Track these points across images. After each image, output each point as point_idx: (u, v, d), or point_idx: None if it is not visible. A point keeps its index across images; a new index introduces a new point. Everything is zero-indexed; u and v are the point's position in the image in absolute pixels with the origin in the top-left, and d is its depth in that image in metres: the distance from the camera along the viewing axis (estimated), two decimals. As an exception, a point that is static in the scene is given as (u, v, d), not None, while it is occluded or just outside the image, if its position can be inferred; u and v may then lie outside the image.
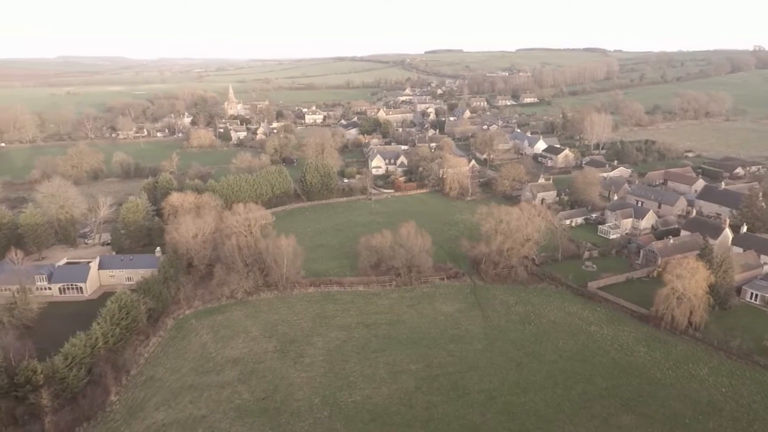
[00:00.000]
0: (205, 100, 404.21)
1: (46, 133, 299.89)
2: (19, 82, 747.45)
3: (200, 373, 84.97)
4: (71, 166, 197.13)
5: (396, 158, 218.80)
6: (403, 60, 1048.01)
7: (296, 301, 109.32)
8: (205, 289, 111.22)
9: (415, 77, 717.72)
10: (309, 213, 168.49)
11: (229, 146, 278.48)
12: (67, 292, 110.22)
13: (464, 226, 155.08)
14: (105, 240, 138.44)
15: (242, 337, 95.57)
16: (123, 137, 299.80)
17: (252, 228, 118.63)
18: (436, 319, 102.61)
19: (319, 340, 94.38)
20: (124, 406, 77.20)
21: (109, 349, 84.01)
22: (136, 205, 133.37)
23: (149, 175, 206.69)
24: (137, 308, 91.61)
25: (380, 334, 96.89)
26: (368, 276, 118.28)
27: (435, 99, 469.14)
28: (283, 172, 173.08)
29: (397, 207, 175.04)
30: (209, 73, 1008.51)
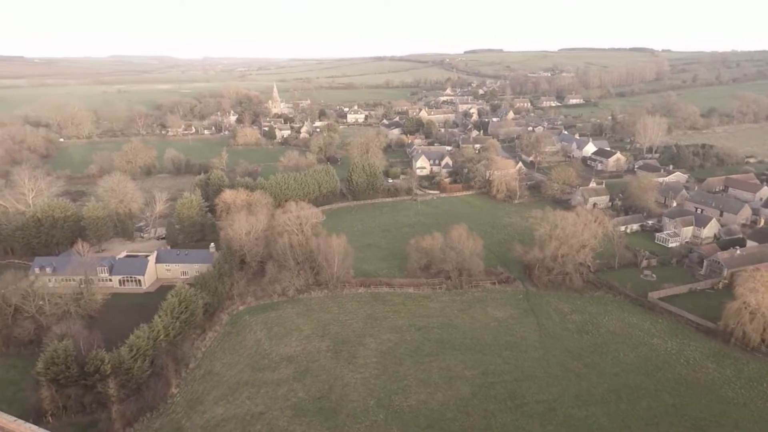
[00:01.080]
0: (250, 98, 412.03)
1: (100, 129, 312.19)
2: (74, 80, 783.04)
3: (256, 369, 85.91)
4: (126, 162, 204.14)
5: (441, 159, 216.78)
6: (443, 60, 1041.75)
7: (347, 301, 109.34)
8: (257, 286, 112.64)
9: (455, 77, 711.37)
10: (355, 212, 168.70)
11: (274, 144, 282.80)
12: (127, 284, 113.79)
13: (513, 229, 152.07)
14: (160, 234, 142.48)
15: (295, 335, 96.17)
16: (172, 134, 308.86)
17: (303, 226, 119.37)
18: (489, 324, 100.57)
19: (372, 341, 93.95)
20: (185, 399, 78.81)
21: (169, 342, 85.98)
22: (190, 201, 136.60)
23: (199, 171, 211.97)
24: (195, 302, 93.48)
25: (432, 337, 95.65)
26: (418, 278, 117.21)
27: (477, 99, 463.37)
28: (330, 172, 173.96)
29: (443, 208, 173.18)
30: (251, 72, 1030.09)
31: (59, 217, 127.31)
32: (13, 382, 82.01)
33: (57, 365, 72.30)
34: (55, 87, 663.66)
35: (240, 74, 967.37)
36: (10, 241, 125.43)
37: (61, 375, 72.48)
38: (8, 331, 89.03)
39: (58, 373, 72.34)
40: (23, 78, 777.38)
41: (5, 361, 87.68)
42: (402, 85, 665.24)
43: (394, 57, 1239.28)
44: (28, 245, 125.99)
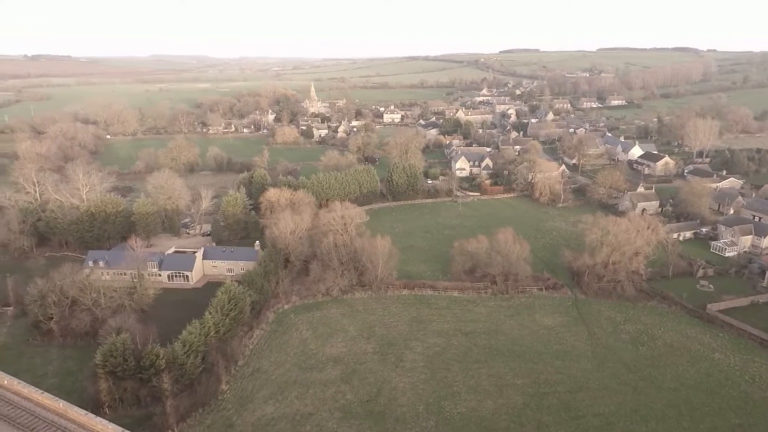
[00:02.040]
0: (287, 97, 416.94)
1: (144, 127, 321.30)
2: (118, 78, 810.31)
3: (303, 369, 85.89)
4: (170, 159, 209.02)
5: (481, 160, 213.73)
6: (477, 60, 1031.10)
7: (391, 303, 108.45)
8: (301, 285, 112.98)
9: (491, 77, 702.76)
10: (395, 213, 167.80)
11: (312, 143, 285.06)
12: (175, 280, 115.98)
13: (558, 234, 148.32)
14: (205, 231, 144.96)
15: (341, 335, 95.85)
16: (213, 132, 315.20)
17: (348, 226, 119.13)
18: (538, 331, 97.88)
19: (418, 345, 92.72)
20: (235, 396, 79.36)
21: (219, 338, 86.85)
22: (235, 198, 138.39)
23: (240, 169, 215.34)
24: (243, 300, 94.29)
25: (480, 343, 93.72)
26: (462, 281, 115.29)
27: (514, 100, 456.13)
28: (371, 172, 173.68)
29: (485, 211, 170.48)
30: (286, 72, 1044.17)
31: (111, 212, 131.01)
32: (71, 373, 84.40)
33: (115, 358, 73.87)
34: (101, 85, 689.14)
35: (275, 73, 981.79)
36: (65, 234, 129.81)
37: (118, 368, 74.02)
38: (66, 322, 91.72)
39: (116, 366, 73.90)
40: (71, 77, 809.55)
41: (62, 352, 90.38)
42: (437, 85, 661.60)
43: (428, 57, 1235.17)
44: (81, 239, 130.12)
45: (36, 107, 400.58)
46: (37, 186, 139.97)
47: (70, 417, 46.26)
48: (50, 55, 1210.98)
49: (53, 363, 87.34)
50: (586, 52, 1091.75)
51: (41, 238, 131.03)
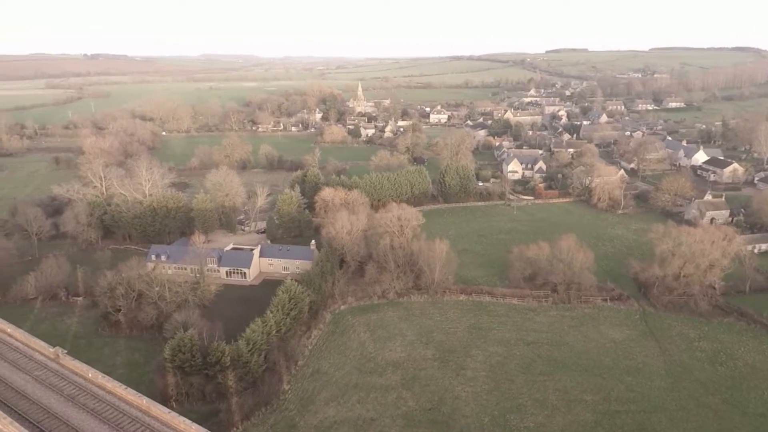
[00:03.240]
0: (334, 97, 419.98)
1: (197, 124, 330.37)
2: (170, 77, 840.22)
3: (363, 372, 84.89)
4: (224, 156, 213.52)
5: (534, 163, 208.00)
6: (523, 59, 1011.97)
7: (448, 308, 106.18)
8: (356, 286, 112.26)
9: (538, 77, 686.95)
10: (447, 215, 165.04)
11: (359, 143, 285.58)
12: (233, 276, 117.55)
13: (620, 242, 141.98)
14: (259, 228, 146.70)
15: (399, 340, 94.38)
16: (262, 130, 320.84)
17: (404, 228, 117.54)
18: (605, 345, 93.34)
19: (479, 353, 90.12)
20: (296, 397, 79.13)
21: (280, 338, 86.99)
22: (290, 197, 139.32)
23: (291, 168, 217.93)
24: (303, 300, 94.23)
25: (543, 354, 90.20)
26: (521, 289, 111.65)
27: (563, 101, 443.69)
28: (422, 173, 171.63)
29: (539, 215, 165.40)
30: (330, 71, 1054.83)
31: (172, 207, 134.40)
32: (138, 365, 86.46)
33: (183, 354, 74.92)
34: (154, 83, 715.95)
35: (320, 73, 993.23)
36: (128, 227, 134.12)
37: (186, 363, 75.05)
38: (133, 314, 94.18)
39: (184, 361, 74.94)
40: (127, 75, 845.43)
41: (129, 344, 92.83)
42: (482, 85, 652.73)
43: (472, 56, 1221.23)
44: (143, 233, 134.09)
45: (96, 104, 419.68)
46: (104, 180, 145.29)
47: (153, 414, 46.53)
48: (108, 54, 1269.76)
49: (121, 354, 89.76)
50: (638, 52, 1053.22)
51: (106, 231, 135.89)
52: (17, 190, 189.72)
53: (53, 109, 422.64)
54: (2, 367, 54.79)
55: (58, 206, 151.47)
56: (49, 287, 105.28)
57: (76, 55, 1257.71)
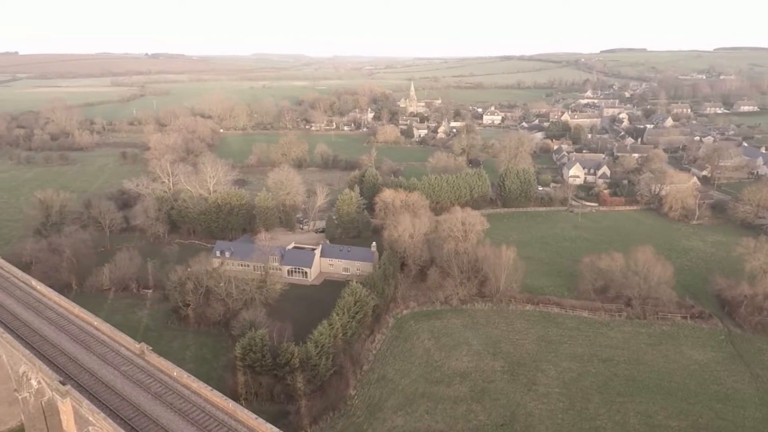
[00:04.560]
0: (386, 96, 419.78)
1: (253, 122, 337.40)
2: (225, 75, 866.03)
3: (430, 381, 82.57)
4: (281, 154, 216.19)
5: (597, 168, 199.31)
6: (577, 60, 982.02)
7: (514, 318, 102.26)
8: (417, 291, 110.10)
9: (594, 78, 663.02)
10: (507, 220, 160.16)
11: (412, 143, 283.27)
12: (294, 275, 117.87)
13: (696, 255, 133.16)
14: (318, 227, 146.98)
15: (465, 349, 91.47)
16: (315, 129, 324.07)
17: (468, 233, 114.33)
18: (688, 367, 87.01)
19: (551, 368, 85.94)
20: (363, 403, 77.77)
21: (345, 341, 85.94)
22: (350, 197, 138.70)
23: (345, 167, 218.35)
24: (368, 303, 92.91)
25: (620, 373, 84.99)
26: (592, 301, 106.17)
27: (623, 103, 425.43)
28: (482, 176, 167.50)
29: (605, 223, 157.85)
30: (378, 71, 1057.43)
31: (235, 204, 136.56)
32: (207, 360, 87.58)
33: (254, 353, 75.00)
34: (210, 82, 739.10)
35: (368, 72, 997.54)
36: (194, 223, 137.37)
37: (257, 363, 75.11)
38: (201, 310, 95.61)
39: (255, 361, 75.02)
40: (184, 73, 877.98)
41: (197, 339, 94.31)
42: (534, 85, 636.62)
43: (523, 56, 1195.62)
44: (207, 228, 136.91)
45: (157, 101, 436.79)
46: (171, 176, 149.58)
47: (239, 419, 45.91)
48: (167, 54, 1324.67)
49: (190, 348, 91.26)
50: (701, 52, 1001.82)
51: (173, 226, 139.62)
52: (88, 183, 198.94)
53: (118, 105, 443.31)
54: (91, 360, 55.94)
55: (127, 200, 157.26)
56: (121, 279, 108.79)
57: (138, 55, 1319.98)
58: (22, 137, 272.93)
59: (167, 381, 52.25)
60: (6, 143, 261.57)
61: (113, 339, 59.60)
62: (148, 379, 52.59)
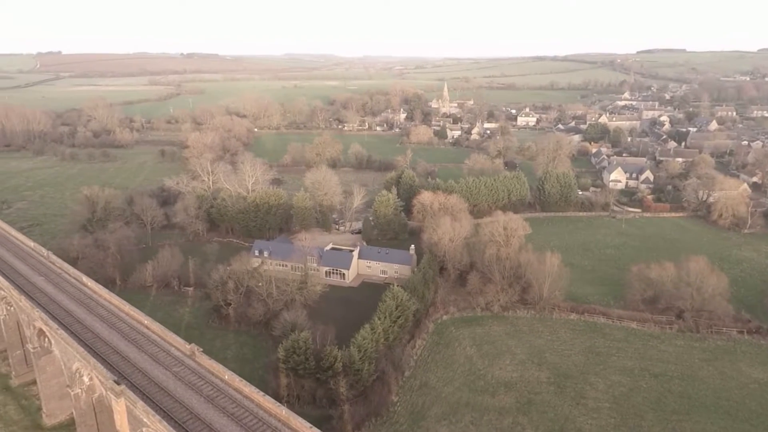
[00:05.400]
0: (419, 97, 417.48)
1: (286, 121, 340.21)
2: (257, 75, 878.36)
3: (473, 390, 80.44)
4: (315, 154, 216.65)
5: (639, 172, 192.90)
6: (612, 60, 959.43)
7: (558, 327, 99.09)
8: (457, 296, 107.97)
9: (631, 80, 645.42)
10: (547, 225, 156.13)
11: (445, 144, 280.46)
12: (332, 276, 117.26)
13: (750, 266, 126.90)
14: (354, 228, 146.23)
15: (508, 357, 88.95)
16: (348, 129, 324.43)
17: (510, 238, 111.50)
18: (748, 385, 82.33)
19: (599, 382, 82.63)
20: (406, 410, 76.25)
21: (387, 346, 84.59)
22: (387, 198, 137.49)
23: (379, 168, 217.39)
24: (409, 308, 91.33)
25: (674, 389, 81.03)
26: (640, 312, 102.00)
27: (663, 105, 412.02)
28: (521, 179, 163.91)
29: (650, 230, 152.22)
30: (409, 71, 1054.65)
31: (273, 204, 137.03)
32: (248, 360, 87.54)
33: (297, 355, 74.36)
34: (243, 81, 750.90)
35: (398, 72, 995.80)
36: (232, 221, 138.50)
37: (300, 366, 74.43)
38: (242, 309, 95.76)
39: (298, 364, 74.36)
40: (218, 73, 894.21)
41: (238, 338, 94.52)
42: (569, 86, 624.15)
43: (556, 57, 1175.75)
44: (245, 227, 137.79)
45: (193, 100, 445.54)
46: (211, 175, 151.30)
47: (293, 427, 45.04)
48: (201, 54, 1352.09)
49: (231, 348, 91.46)
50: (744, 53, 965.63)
51: (211, 224, 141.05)
52: (129, 180, 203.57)
53: (156, 104, 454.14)
54: (143, 359, 56.07)
55: (167, 197, 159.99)
56: (163, 276, 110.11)
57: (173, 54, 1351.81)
58: (66, 134, 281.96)
59: (218, 384, 51.85)
60: (51, 140, 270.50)
61: (164, 339, 59.72)
62: (200, 381, 52.29)
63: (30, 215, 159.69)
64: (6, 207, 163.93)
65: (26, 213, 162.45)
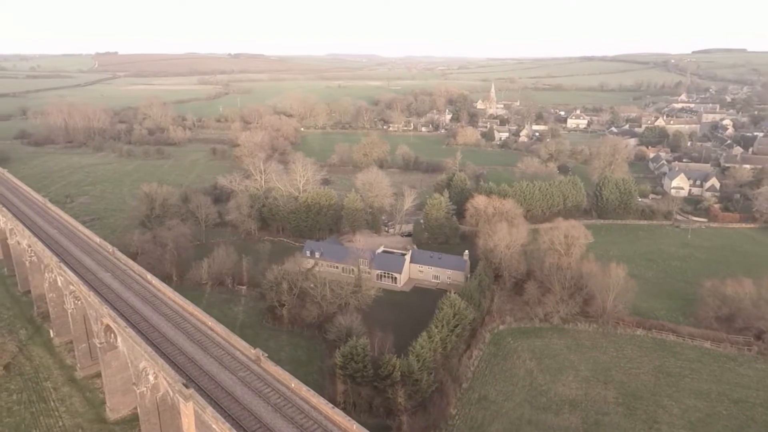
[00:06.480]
0: (465, 98, 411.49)
1: (332, 121, 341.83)
2: (302, 75, 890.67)
3: (536, 407, 76.72)
4: (363, 155, 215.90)
5: (704, 179, 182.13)
6: (666, 60, 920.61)
7: (624, 343, 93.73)
8: (513, 305, 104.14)
9: (688, 81, 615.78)
10: (605, 233, 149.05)
11: (492, 146, 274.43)
12: (383, 280, 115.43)
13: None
14: (404, 231, 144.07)
15: (571, 373, 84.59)
16: (393, 130, 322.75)
17: (571, 247, 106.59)
18: (843, 418, 75.06)
19: (673, 405, 77.24)
20: (465, 424, 73.41)
21: (444, 356, 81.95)
22: (439, 202, 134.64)
23: (426, 169, 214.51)
24: (466, 316, 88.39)
25: (758, 418, 74.79)
26: (714, 330, 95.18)
27: (724, 108, 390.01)
28: (577, 184, 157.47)
29: (718, 242, 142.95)
30: (452, 71, 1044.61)
31: (324, 204, 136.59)
32: (302, 363, 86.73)
33: (355, 362, 72.78)
34: (287, 81, 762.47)
35: (441, 73, 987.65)
36: (283, 221, 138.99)
37: (358, 373, 72.85)
38: (296, 311, 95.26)
39: (356, 371, 72.83)
40: (263, 72, 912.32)
41: (292, 340, 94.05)
42: (620, 88, 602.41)
43: (605, 57, 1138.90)
44: (296, 227, 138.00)
45: (241, 99, 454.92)
46: (263, 174, 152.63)
47: (365, 443, 42.96)
48: (248, 54, 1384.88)
49: (285, 349, 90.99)
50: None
51: (263, 223, 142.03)
52: (182, 177, 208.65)
53: (205, 103, 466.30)
54: (209, 362, 55.68)
55: (219, 195, 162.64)
56: (218, 274, 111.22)
57: (221, 55, 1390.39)
58: (124, 132, 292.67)
59: (285, 392, 50.69)
60: (110, 137, 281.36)
61: (228, 341, 59.26)
62: (266, 388, 51.28)
63: (91, 210, 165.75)
64: (70, 201, 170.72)
65: (88, 207, 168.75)
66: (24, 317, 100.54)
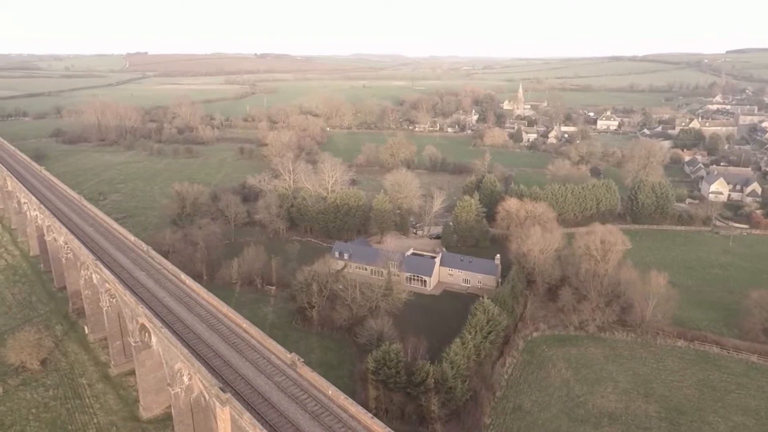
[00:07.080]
0: (491, 98, 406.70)
1: (358, 121, 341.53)
2: (326, 75, 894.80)
3: (573, 419, 74.14)
4: (390, 155, 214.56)
5: (745, 184, 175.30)
6: (699, 61, 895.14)
7: (664, 354, 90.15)
8: (547, 311, 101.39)
9: (722, 81, 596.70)
10: (640, 239, 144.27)
11: (521, 147, 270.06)
12: (412, 283, 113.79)
13: None
14: (432, 233, 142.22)
15: (610, 385, 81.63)
16: (419, 130, 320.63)
17: (608, 253, 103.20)
18: None
19: (719, 422, 73.71)
20: (500, 435, 71.41)
21: (477, 363, 79.98)
22: (469, 204, 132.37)
23: (453, 170, 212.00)
24: (500, 323, 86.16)
25: (812, 438, 70.73)
26: (762, 344, 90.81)
27: (762, 109, 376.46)
28: (611, 188, 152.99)
29: (763, 250, 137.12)
30: (476, 71, 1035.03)
31: (353, 205, 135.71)
32: (332, 366, 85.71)
33: (388, 368, 71.44)
34: (313, 81, 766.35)
35: (466, 73, 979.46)
36: (312, 221, 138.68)
37: (390, 379, 71.52)
38: (326, 313, 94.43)
39: (389, 377, 71.52)
40: (289, 72, 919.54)
41: (321, 342, 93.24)
42: (650, 89, 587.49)
43: (635, 57, 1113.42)
44: (325, 228, 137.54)
45: (267, 99, 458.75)
46: (292, 174, 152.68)
47: (406, 455, 41.46)
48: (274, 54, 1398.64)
49: (315, 352, 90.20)
50: None
51: (291, 222, 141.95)
52: (211, 176, 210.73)
53: (232, 102, 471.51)
54: (245, 366, 55.08)
55: (247, 194, 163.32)
56: (247, 273, 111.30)
57: (248, 55, 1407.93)
58: (154, 130, 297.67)
59: (322, 399, 49.66)
60: (141, 136, 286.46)
61: (263, 345, 58.59)
62: (303, 394, 50.34)
63: (123, 207, 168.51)
64: (103, 198, 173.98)
65: (120, 205, 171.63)
66: (60, 313, 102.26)
